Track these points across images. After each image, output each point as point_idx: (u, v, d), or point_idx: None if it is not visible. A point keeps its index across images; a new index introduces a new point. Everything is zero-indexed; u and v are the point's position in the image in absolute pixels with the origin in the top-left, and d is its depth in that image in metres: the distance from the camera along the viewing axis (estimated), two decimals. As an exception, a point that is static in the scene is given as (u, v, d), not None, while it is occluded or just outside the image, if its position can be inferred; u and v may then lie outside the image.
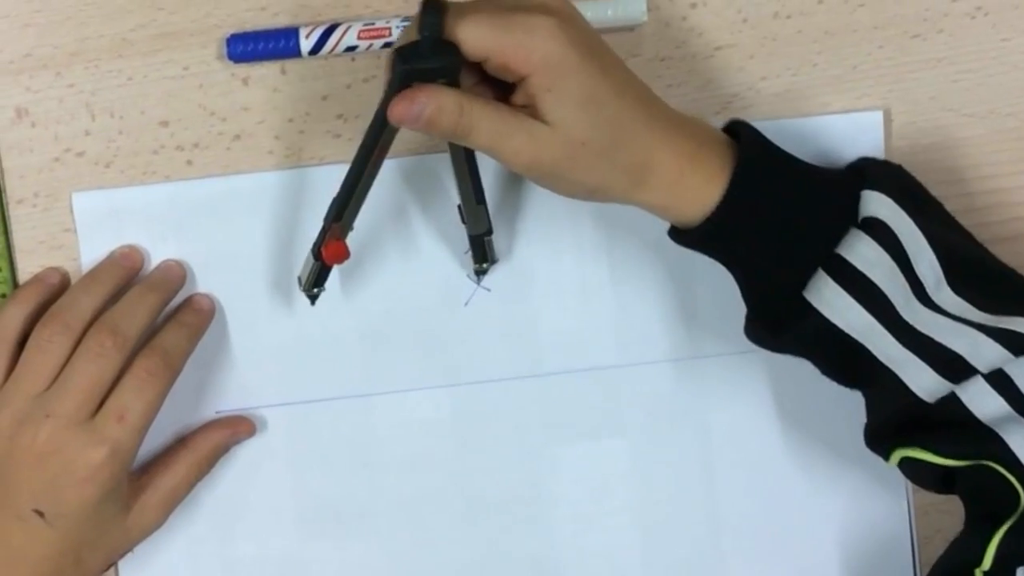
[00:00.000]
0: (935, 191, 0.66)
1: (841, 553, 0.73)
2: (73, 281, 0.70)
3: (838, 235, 0.62)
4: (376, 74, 0.71)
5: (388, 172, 0.70)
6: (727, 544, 0.73)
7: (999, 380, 0.60)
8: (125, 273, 0.70)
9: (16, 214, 0.70)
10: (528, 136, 0.59)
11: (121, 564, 0.72)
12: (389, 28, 0.69)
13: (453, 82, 0.59)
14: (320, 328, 0.71)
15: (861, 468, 0.72)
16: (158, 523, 0.69)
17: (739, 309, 0.71)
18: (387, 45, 0.69)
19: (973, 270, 0.63)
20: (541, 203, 0.71)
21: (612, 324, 0.72)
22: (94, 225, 0.70)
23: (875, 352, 0.61)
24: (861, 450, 0.72)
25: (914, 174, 0.66)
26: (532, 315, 0.72)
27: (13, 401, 0.65)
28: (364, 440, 0.72)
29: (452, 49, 0.58)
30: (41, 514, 0.64)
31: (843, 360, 0.63)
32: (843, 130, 0.71)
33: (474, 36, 0.58)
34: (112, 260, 0.70)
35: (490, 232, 0.69)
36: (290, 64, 0.70)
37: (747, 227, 0.62)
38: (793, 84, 0.72)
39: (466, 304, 0.72)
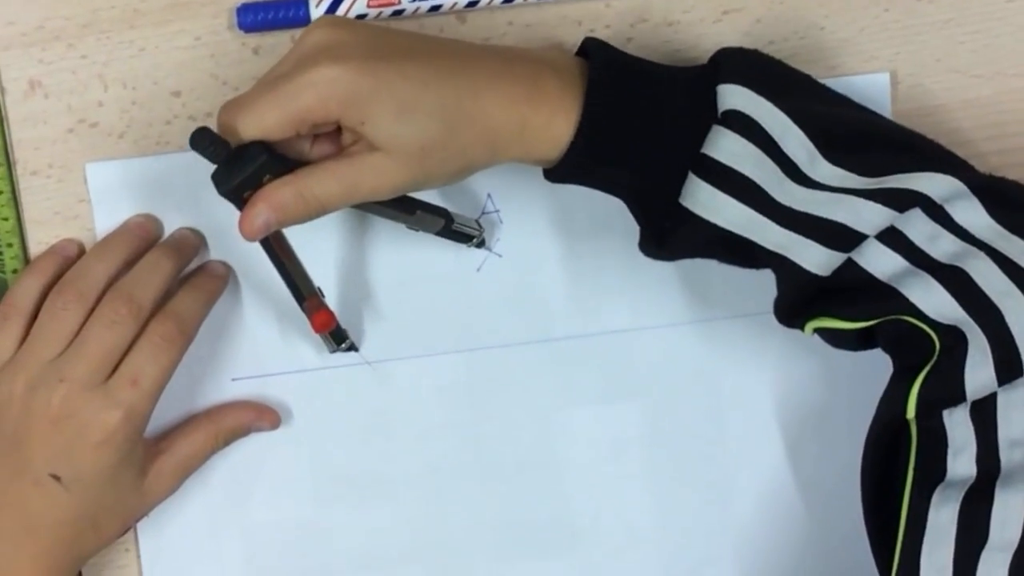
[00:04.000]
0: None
1: (854, 515, 0.73)
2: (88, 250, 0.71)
3: (701, 135, 0.61)
4: (386, 42, 0.71)
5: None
6: (740, 506, 0.74)
7: (891, 237, 0.61)
8: (139, 242, 0.70)
9: (31, 185, 0.71)
10: (373, 171, 0.60)
11: (140, 530, 0.72)
12: (399, -4, 0.70)
13: (279, 169, 0.60)
14: (334, 295, 0.71)
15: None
16: (171, 489, 0.69)
17: (750, 271, 0.71)
18: (396, 13, 0.70)
19: (850, 138, 0.62)
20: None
21: (624, 288, 0.72)
22: (108, 195, 0.71)
23: (761, 242, 0.61)
24: (868, 413, 0.72)
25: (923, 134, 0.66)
26: (544, 280, 0.72)
27: (27, 367, 0.65)
28: (378, 406, 0.72)
29: (256, 147, 0.59)
30: (58, 478, 0.64)
31: (735, 254, 0.64)
32: (850, 93, 0.70)
33: (266, 126, 0.59)
34: (126, 228, 0.70)
35: (450, 220, 0.69)
36: (300, 33, 0.71)
37: (609, 148, 0.61)
38: (800, 47, 0.72)
39: (478, 270, 0.72)
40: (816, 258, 0.61)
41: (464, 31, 0.71)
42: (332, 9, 0.70)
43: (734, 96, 0.61)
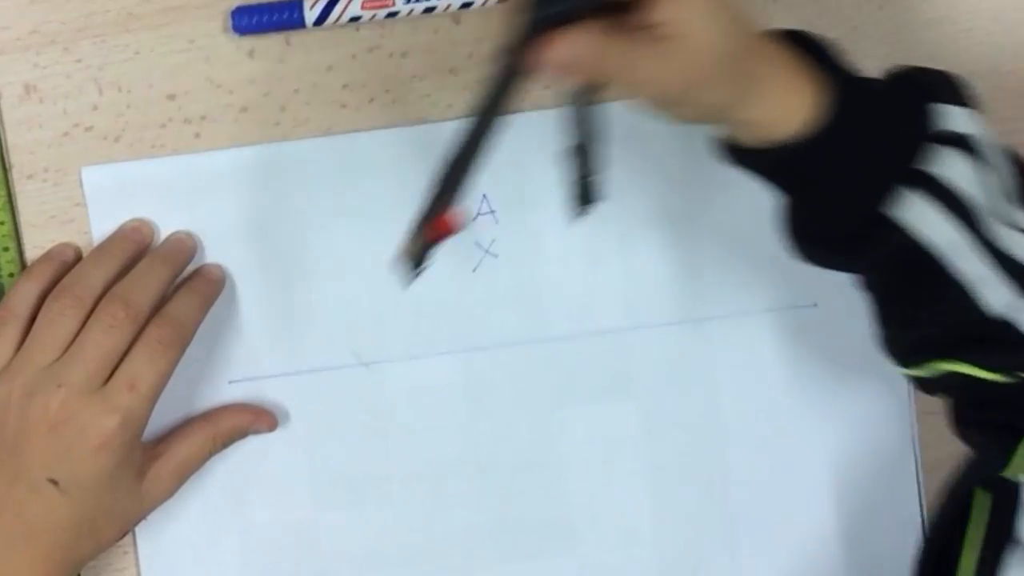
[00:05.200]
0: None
1: (852, 512, 0.74)
2: (85, 254, 0.71)
3: (914, 150, 0.59)
4: (380, 44, 0.71)
5: (391, 145, 0.71)
6: (737, 505, 0.74)
7: None
8: (134, 246, 0.70)
9: (26, 190, 0.71)
10: (660, 58, 0.56)
11: (138, 533, 0.72)
12: (392, -2, 0.70)
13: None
14: (329, 297, 0.72)
15: (871, 426, 0.73)
16: (170, 493, 0.69)
17: (745, 269, 0.71)
18: (391, 15, 0.70)
19: None
20: (545, 167, 0.71)
21: (620, 287, 0.72)
22: (104, 199, 0.71)
23: (952, 268, 0.59)
24: (871, 409, 0.72)
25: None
26: (540, 280, 0.72)
27: (24, 372, 0.65)
28: (376, 407, 0.72)
29: None
30: (56, 483, 0.64)
31: (909, 278, 0.61)
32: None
33: None
34: (122, 233, 0.70)
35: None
36: (295, 35, 0.71)
37: (837, 148, 0.59)
38: (794, 46, 0.72)
39: (474, 270, 0.72)
40: (999, 300, 0.59)
41: (458, 32, 0.71)
42: (327, 11, 0.70)
43: (956, 118, 0.60)
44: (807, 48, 0.61)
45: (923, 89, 0.61)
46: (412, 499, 0.73)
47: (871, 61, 0.71)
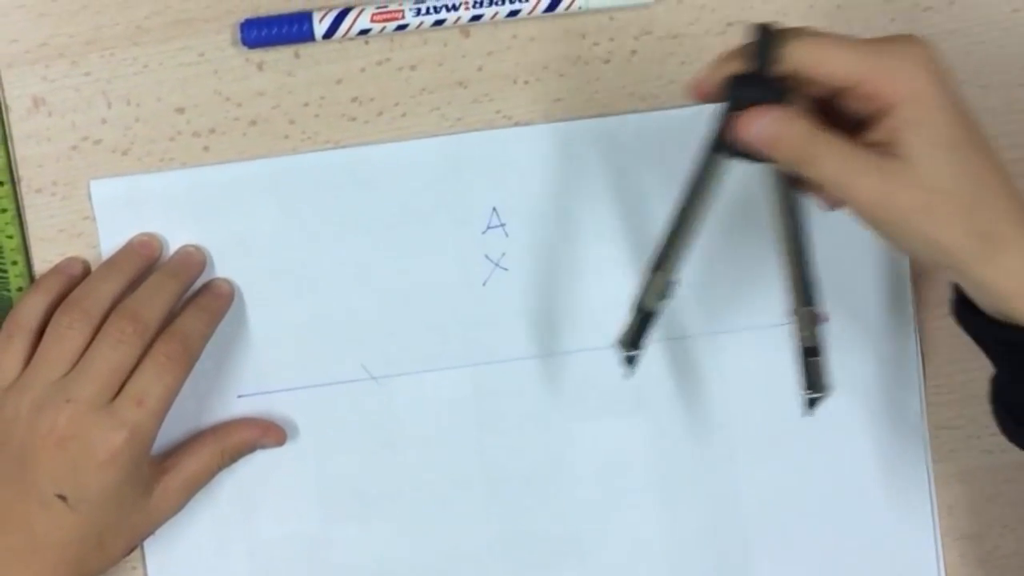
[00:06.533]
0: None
1: (864, 525, 0.73)
2: (93, 268, 0.71)
3: None
4: (389, 57, 0.71)
5: (400, 158, 0.71)
6: (748, 520, 0.73)
7: None
8: (143, 261, 0.70)
9: (35, 203, 0.71)
10: (883, 175, 0.54)
11: (147, 548, 0.72)
12: (402, 11, 0.69)
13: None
14: (339, 311, 0.71)
15: (883, 440, 0.72)
16: (178, 507, 0.69)
17: (756, 284, 0.71)
18: (400, 28, 0.70)
19: None
20: (556, 182, 0.71)
21: (629, 302, 0.72)
22: (113, 212, 0.71)
23: None
24: (882, 423, 0.72)
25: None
26: (550, 293, 0.72)
27: (33, 387, 0.65)
28: (385, 421, 0.72)
29: (784, 82, 0.56)
30: (63, 498, 0.64)
31: None
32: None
33: (841, 59, 0.55)
34: (130, 248, 0.70)
35: (816, 352, 0.61)
36: (304, 48, 0.71)
37: None
38: (806, 59, 0.72)
39: (484, 284, 0.72)
40: None
41: (468, 45, 0.71)
42: (336, 23, 0.69)
43: None
44: None
45: None
46: (421, 513, 0.73)
47: (883, 74, 0.71)
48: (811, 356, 0.61)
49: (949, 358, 0.72)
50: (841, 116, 0.57)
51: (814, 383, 0.62)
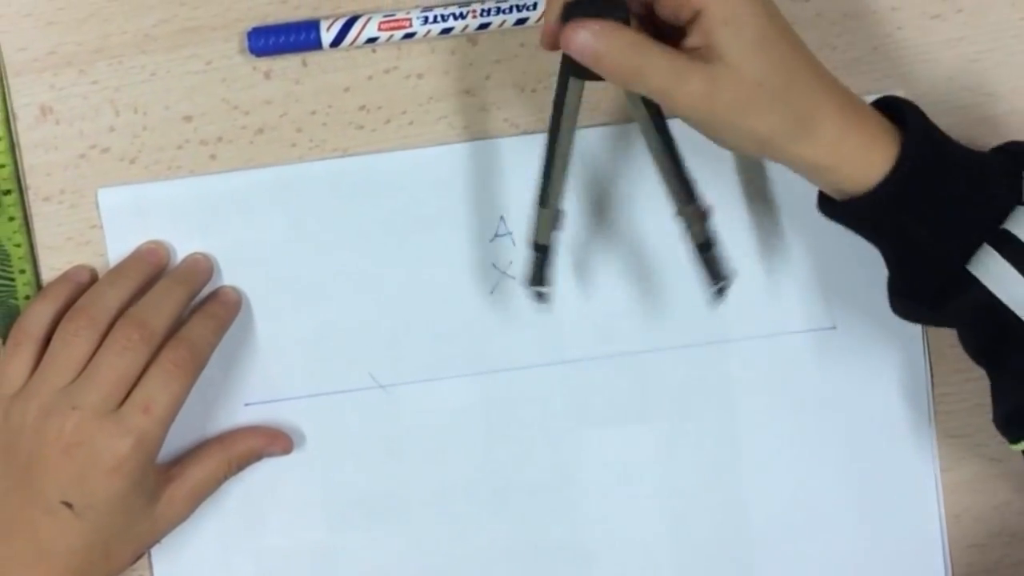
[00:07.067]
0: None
1: (872, 534, 0.73)
2: (101, 276, 0.70)
3: (1002, 212, 0.61)
4: (397, 65, 0.71)
5: (408, 166, 0.71)
6: (756, 529, 0.73)
7: None
8: (150, 268, 0.70)
9: (43, 211, 0.71)
10: (704, 77, 0.57)
11: (153, 556, 0.72)
12: (409, 19, 0.69)
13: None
14: (346, 319, 0.71)
15: (892, 449, 0.72)
16: (184, 515, 0.69)
17: (764, 292, 0.71)
18: (408, 36, 0.70)
19: None
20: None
21: (638, 309, 0.72)
22: (120, 221, 0.71)
23: None
24: (891, 431, 0.72)
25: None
26: (557, 302, 0.72)
27: (39, 394, 0.65)
28: (391, 430, 0.72)
29: (618, 3, 0.58)
30: (70, 506, 0.64)
31: (993, 336, 0.62)
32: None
33: None
34: (138, 255, 0.70)
35: (709, 246, 0.65)
36: (311, 56, 0.71)
37: (915, 201, 0.60)
38: (813, 67, 0.72)
39: (491, 292, 0.72)
40: None
41: (475, 53, 0.71)
42: (344, 32, 0.70)
43: None
44: (896, 111, 0.62)
45: (1011, 157, 0.63)
46: (428, 522, 0.72)
47: (890, 82, 0.72)
48: (706, 251, 0.65)
49: (956, 367, 0.72)
50: (663, 29, 0.60)
51: (716, 274, 0.65)
